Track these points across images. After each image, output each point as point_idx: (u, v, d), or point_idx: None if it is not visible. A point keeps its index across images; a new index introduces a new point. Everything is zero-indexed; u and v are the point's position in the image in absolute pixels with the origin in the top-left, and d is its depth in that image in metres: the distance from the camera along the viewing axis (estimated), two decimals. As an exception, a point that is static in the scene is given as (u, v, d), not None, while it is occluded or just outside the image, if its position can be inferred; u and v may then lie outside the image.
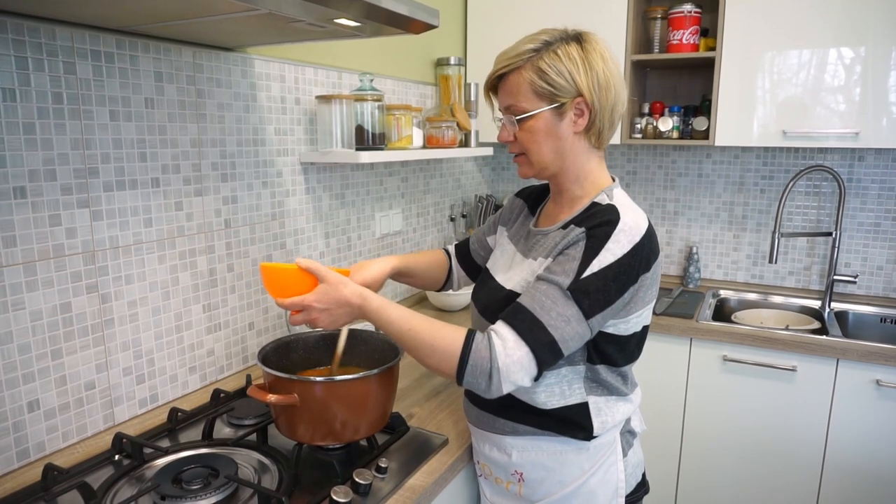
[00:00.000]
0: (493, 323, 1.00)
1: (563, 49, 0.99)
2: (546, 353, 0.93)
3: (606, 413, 1.05)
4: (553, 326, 0.93)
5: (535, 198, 1.22)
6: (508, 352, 0.92)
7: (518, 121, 1.03)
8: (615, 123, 1.05)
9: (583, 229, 0.97)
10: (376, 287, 1.18)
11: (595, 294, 0.94)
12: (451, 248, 1.38)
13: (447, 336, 0.95)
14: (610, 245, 0.95)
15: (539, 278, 0.98)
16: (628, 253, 0.95)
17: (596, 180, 1.07)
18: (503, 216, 1.27)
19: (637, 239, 0.96)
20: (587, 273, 0.94)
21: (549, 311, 0.93)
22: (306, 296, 0.99)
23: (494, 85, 1.08)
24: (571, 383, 1.03)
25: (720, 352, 1.97)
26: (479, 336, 0.95)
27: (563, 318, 0.93)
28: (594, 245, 0.95)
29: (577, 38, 1.01)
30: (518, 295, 1.02)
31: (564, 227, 1.04)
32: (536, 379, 0.95)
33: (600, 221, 0.97)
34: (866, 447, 1.83)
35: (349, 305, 1.00)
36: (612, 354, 1.04)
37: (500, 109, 1.08)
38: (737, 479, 2.02)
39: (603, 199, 1.04)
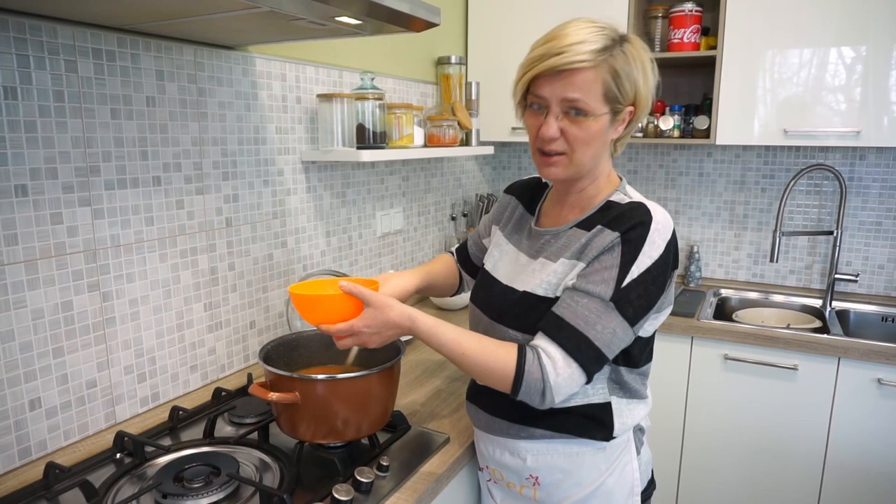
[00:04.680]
0: (511, 327, 1.00)
1: (630, 50, 0.95)
2: (594, 365, 0.95)
3: (627, 415, 1.05)
4: (599, 340, 0.93)
5: (528, 194, 1.18)
6: (559, 370, 0.93)
7: (579, 119, 0.95)
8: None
9: (616, 234, 0.95)
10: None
11: (638, 300, 0.94)
12: (454, 252, 1.36)
13: (500, 359, 0.95)
14: (646, 248, 0.94)
15: (577, 289, 0.95)
16: (664, 252, 0.95)
17: (608, 177, 1.05)
18: (496, 216, 1.23)
19: (669, 236, 0.96)
20: (627, 280, 0.93)
21: (594, 326, 0.93)
22: (354, 322, 0.98)
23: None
24: (595, 382, 1.02)
25: (721, 350, 1.97)
26: (529, 356, 0.94)
27: (608, 329, 0.93)
28: (631, 250, 0.94)
29: (627, 39, 0.96)
30: (535, 297, 1.01)
31: (584, 226, 1.00)
32: (588, 383, 0.97)
33: (633, 224, 0.95)
34: (868, 446, 1.83)
35: (398, 328, 0.99)
36: (635, 356, 1.03)
37: (548, 101, 0.96)
38: (738, 478, 2.02)
39: (621, 198, 1.01)
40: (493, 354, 0.96)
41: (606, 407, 1.03)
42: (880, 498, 1.84)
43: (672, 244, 0.97)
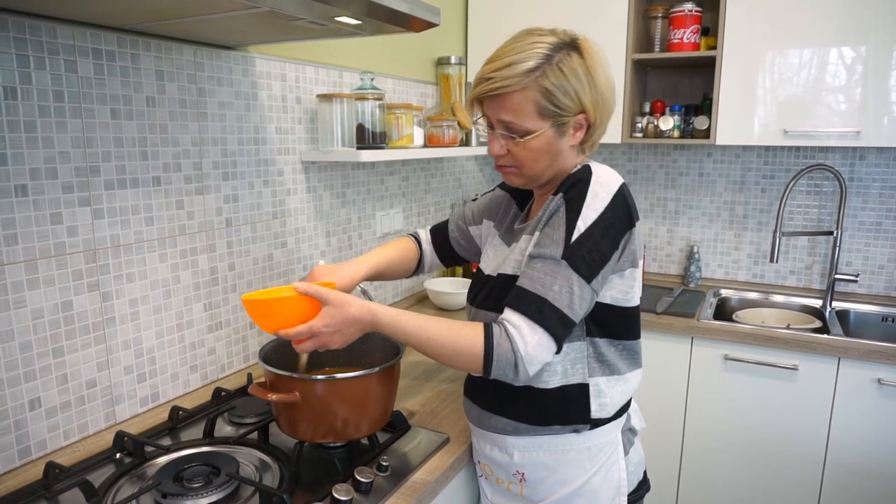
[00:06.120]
0: (490, 310, 1.01)
1: (567, 64, 0.95)
2: (559, 328, 0.94)
3: (606, 394, 1.04)
4: (559, 301, 0.93)
5: (521, 192, 1.19)
6: (526, 339, 0.93)
7: (516, 139, 0.99)
8: (606, 127, 1.05)
9: (560, 195, 0.98)
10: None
11: (589, 256, 0.94)
12: (423, 234, 1.35)
13: (467, 338, 0.95)
14: (589, 201, 0.95)
15: (532, 256, 0.98)
16: (609, 205, 0.96)
17: (575, 166, 1.06)
18: (490, 209, 1.24)
19: (614, 189, 0.97)
20: (575, 236, 0.94)
21: (550, 287, 0.93)
22: (313, 322, 0.96)
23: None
24: (574, 363, 1.03)
25: (721, 351, 1.97)
26: (496, 331, 0.94)
27: (566, 289, 0.94)
28: (574, 206, 0.96)
29: (576, 47, 0.97)
30: (506, 276, 1.03)
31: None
32: (559, 351, 0.97)
33: (573, 182, 0.98)
34: (868, 446, 1.83)
35: (359, 323, 0.97)
36: (612, 325, 1.03)
37: (490, 120, 1.02)
38: (738, 479, 2.02)
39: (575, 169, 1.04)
40: (460, 334, 0.95)
41: (584, 388, 1.03)
42: (880, 498, 1.83)
43: (620, 197, 0.97)
